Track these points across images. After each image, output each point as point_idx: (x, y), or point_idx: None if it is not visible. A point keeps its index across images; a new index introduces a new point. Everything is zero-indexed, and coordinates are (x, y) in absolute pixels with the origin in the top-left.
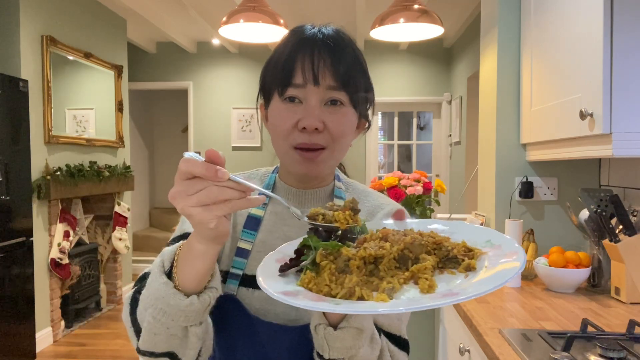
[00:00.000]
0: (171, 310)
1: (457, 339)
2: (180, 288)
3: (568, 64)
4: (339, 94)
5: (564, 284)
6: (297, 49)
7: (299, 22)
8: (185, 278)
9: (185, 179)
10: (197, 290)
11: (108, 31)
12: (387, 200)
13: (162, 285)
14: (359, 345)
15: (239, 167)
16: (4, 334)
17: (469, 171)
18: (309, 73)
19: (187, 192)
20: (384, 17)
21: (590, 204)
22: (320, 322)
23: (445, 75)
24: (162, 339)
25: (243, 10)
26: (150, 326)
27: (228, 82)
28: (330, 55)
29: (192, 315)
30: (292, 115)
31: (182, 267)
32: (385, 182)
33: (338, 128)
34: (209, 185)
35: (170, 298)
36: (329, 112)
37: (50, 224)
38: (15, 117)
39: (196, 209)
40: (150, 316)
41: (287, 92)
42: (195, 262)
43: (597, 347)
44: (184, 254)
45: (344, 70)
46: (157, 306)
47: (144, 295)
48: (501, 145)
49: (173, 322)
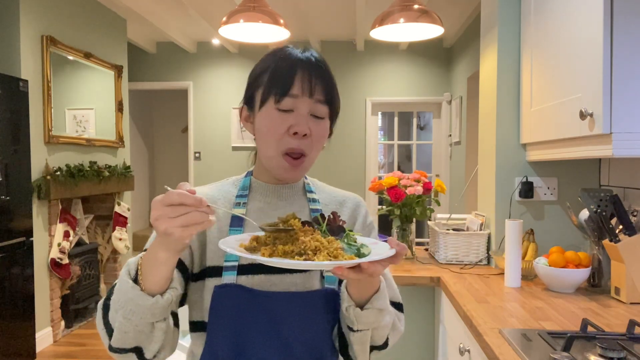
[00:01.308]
0: (139, 309)
1: (457, 339)
2: (146, 291)
3: (568, 64)
4: (323, 108)
5: (564, 284)
6: (296, 64)
7: (299, 22)
8: (150, 281)
9: (168, 205)
10: (160, 291)
11: (108, 31)
12: (343, 192)
13: (130, 288)
14: (380, 321)
15: (239, 167)
16: (4, 334)
17: (469, 171)
18: (306, 86)
19: (169, 216)
20: (384, 17)
21: (590, 204)
22: (349, 304)
23: (445, 75)
24: (131, 335)
25: (243, 10)
26: (121, 325)
27: (228, 82)
28: (321, 75)
29: (158, 312)
30: (284, 121)
31: (147, 273)
32: (385, 182)
33: (318, 137)
34: (191, 210)
35: (139, 299)
36: (313, 122)
37: (50, 224)
38: (15, 117)
39: (177, 229)
40: (121, 317)
41: (284, 101)
42: (160, 268)
43: (597, 347)
44: (148, 262)
45: (330, 89)
46: (127, 307)
47: (114, 300)
48: (501, 145)
49: (141, 319)
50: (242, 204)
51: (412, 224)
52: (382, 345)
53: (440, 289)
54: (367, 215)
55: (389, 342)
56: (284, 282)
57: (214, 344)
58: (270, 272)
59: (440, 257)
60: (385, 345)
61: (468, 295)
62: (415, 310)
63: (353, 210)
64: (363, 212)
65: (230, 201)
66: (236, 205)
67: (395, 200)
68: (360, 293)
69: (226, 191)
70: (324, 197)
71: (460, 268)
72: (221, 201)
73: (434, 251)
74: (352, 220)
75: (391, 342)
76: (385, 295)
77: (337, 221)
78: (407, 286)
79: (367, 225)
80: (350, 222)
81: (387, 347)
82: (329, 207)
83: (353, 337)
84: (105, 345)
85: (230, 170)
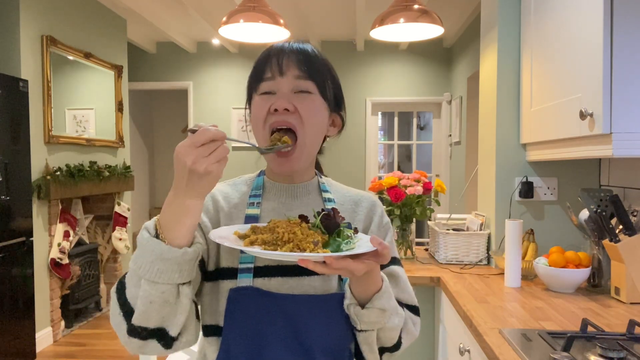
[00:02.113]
0: (167, 266)
1: (457, 339)
2: (171, 245)
3: (568, 64)
4: (306, 83)
5: (564, 284)
6: (267, 53)
7: (299, 22)
8: (174, 236)
9: (200, 144)
10: (186, 244)
11: (108, 31)
12: (358, 192)
13: (156, 245)
14: (383, 321)
15: (239, 166)
16: (4, 334)
17: (469, 171)
18: (275, 67)
19: (206, 153)
20: (384, 17)
21: (590, 204)
22: (351, 302)
23: (445, 75)
24: (156, 307)
25: (243, 10)
26: (145, 295)
27: (228, 82)
28: (295, 54)
29: (186, 268)
30: (266, 103)
31: (170, 228)
32: (385, 182)
33: (307, 111)
34: (219, 145)
35: (166, 253)
36: (299, 99)
37: (50, 224)
38: (15, 117)
39: (214, 165)
40: (146, 284)
41: (261, 86)
42: (186, 219)
43: (597, 347)
44: (171, 216)
45: (308, 62)
46: (154, 268)
47: (132, 273)
48: (501, 145)
49: (169, 279)
50: (256, 204)
51: (412, 224)
52: (392, 348)
53: (440, 289)
54: (383, 215)
55: (401, 345)
56: (301, 284)
57: (230, 348)
58: (287, 274)
59: (440, 257)
60: (396, 347)
61: (468, 295)
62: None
63: (369, 210)
64: (379, 212)
65: (244, 200)
66: (250, 205)
67: (395, 200)
68: (361, 291)
69: (240, 190)
70: (339, 197)
71: (460, 268)
72: (236, 199)
73: (434, 251)
74: (368, 220)
75: (404, 345)
76: (389, 296)
77: (337, 217)
78: None
79: (383, 226)
80: (366, 221)
81: (398, 349)
82: (344, 206)
83: (359, 337)
84: (122, 333)
85: (230, 170)
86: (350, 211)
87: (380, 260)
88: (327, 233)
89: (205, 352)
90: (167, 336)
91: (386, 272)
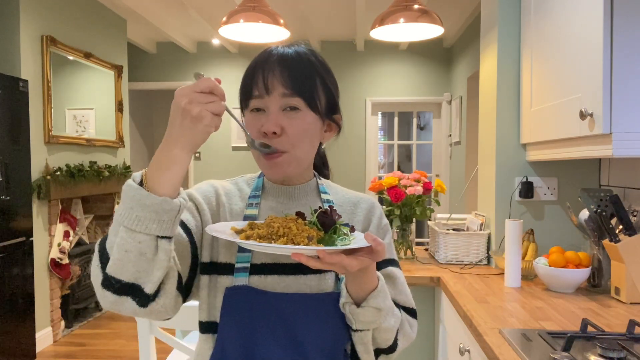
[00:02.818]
0: (145, 213)
1: (457, 339)
2: (153, 193)
3: (568, 64)
4: (294, 100)
5: (564, 284)
6: (253, 65)
7: (299, 22)
8: (158, 184)
9: (199, 91)
10: (169, 195)
11: (108, 31)
12: (357, 194)
13: (135, 190)
14: (379, 321)
15: (239, 166)
16: (4, 334)
17: (469, 171)
18: (261, 84)
19: (204, 100)
20: (384, 17)
21: (590, 204)
22: (346, 300)
23: (445, 75)
24: (132, 257)
25: (243, 10)
26: (122, 242)
27: (228, 82)
28: (279, 68)
29: (165, 218)
30: (257, 122)
31: (155, 177)
32: (385, 182)
33: (296, 131)
34: (217, 100)
35: (145, 199)
36: (287, 117)
37: (50, 224)
38: (15, 117)
39: (209, 114)
40: (123, 232)
41: (251, 104)
42: (172, 169)
43: (597, 347)
44: (158, 164)
45: (294, 78)
46: (132, 215)
47: (114, 221)
48: (501, 145)
49: (146, 229)
50: (254, 204)
51: (412, 224)
52: (388, 349)
53: (440, 289)
54: (382, 217)
55: (397, 347)
56: (297, 283)
57: (225, 347)
58: (284, 273)
59: (440, 257)
60: (392, 349)
61: (468, 295)
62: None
63: (368, 212)
64: (378, 214)
65: (244, 199)
66: (249, 205)
67: (395, 200)
68: (357, 290)
69: (242, 189)
70: (337, 198)
71: (460, 268)
72: (236, 197)
73: (434, 251)
74: (366, 222)
75: (400, 347)
76: (384, 295)
77: (334, 215)
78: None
79: (382, 227)
80: (365, 223)
81: (394, 351)
82: (343, 207)
83: (354, 337)
84: (97, 284)
85: (230, 170)
86: (349, 212)
87: (374, 257)
88: (323, 230)
89: (201, 350)
90: (142, 293)
91: (383, 273)
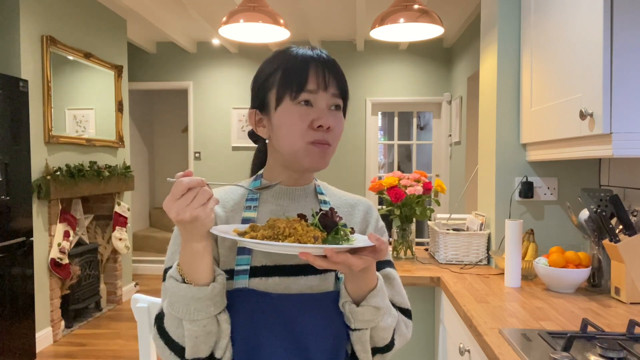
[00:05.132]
0: (201, 304)
1: (457, 339)
2: (198, 286)
3: (568, 64)
4: (338, 100)
5: (564, 284)
6: (308, 61)
7: (299, 22)
8: (199, 277)
9: (180, 196)
10: (210, 281)
11: (108, 31)
12: (354, 196)
13: (185, 289)
14: (377, 320)
15: (238, 167)
16: (4, 334)
17: (469, 171)
18: (321, 81)
19: (187, 203)
20: (384, 17)
21: (590, 204)
22: (346, 300)
23: (445, 75)
24: (202, 340)
25: (243, 10)
26: (190, 333)
27: (228, 82)
28: (333, 70)
29: (218, 299)
30: (306, 116)
31: (192, 271)
32: (385, 182)
33: (339, 129)
34: (199, 190)
35: (197, 293)
36: (333, 116)
37: (50, 224)
38: (15, 117)
39: (199, 210)
40: (188, 323)
41: (301, 96)
42: (202, 260)
43: (597, 347)
44: (188, 261)
45: (342, 82)
46: (190, 309)
47: (171, 316)
48: (501, 145)
49: (206, 314)
50: (252, 207)
51: (412, 224)
52: (384, 348)
53: (440, 289)
54: (379, 220)
55: (393, 346)
56: (298, 284)
57: None
58: (285, 274)
59: (440, 257)
60: (388, 348)
61: (468, 295)
62: (416, 310)
63: (365, 214)
64: (375, 216)
65: (241, 204)
66: (247, 209)
67: (395, 200)
68: (356, 289)
69: (236, 193)
70: (335, 200)
71: (460, 268)
72: (231, 203)
73: (434, 251)
74: (364, 224)
75: (397, 346)
76: (383, 294)
77: (335, 217)
78: (407, 286)
79: (378, 229)
80: (362, 225)
81: (390, 350)
82: (341, 209)
83: (353, 336)
84: None
85: (230, 170)
86: (346, 214)
87: (377, 256)
88: (324, 231)
89: None
90: (213, 359)
91: (382, 274)
